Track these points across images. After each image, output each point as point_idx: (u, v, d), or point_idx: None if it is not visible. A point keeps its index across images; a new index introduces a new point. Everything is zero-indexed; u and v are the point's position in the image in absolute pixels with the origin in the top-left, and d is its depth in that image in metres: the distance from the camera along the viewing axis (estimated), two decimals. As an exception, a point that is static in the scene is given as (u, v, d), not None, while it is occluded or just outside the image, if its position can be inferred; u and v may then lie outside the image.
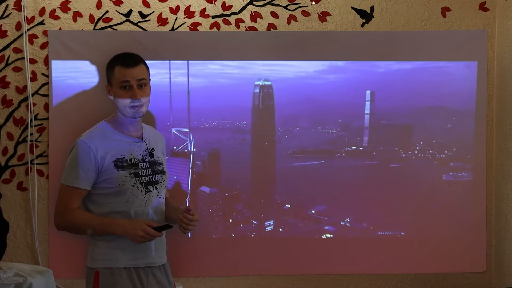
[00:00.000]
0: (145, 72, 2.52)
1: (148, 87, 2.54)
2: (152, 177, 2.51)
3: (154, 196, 2.51)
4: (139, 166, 2.49)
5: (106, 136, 2.49)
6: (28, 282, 2.44)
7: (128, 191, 2.45)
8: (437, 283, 3.21)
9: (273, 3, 3.08)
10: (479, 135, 3.13)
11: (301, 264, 3.13)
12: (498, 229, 3.15)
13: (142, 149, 2.53)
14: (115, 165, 2.45)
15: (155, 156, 2.55)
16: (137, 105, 2.47)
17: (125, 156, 2.47)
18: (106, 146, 2.46)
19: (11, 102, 3.00)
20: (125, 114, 2.49)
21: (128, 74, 2.46)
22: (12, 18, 2.97)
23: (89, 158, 2.43)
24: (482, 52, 3.12)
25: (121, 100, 2.47)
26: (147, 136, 2.58)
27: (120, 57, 2.53)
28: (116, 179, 2.44)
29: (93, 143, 2.44)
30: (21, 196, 3.02)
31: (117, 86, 2.48)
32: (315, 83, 3.08)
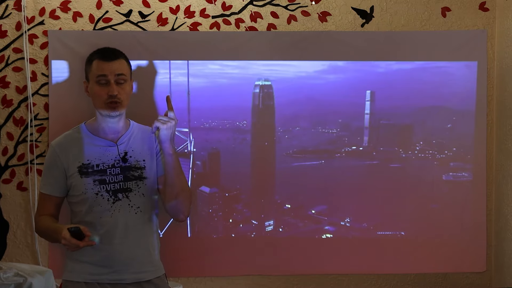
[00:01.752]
0: (125, 68, 2.31)
1: (128, 85, 2.32)
2: (123, 184, 2.27)
3: (124, 206, 2.27)
4: (107, 172, 2.27)
5: (77, 139, 2.33)
6: (28, 282, 2.44)
7: (90, 200, 2.25)
8: (437, 283, 3.21)
9: (273, 3, 3.08)
10: (479, 135, 3.13)
11: (301, 264, 3.13)
12: (498, 229, 3.15)
13: (114, 153, 2.31)
14: (79, 171, 2.27)
15: (130, 160, 2.31)
16: (114, 102, 2.25)
17: (91, 162, 2.27)
18: (74, 150, 2.30)
19: (11, 102, 3.00)
20: (101, 112, 2.29)
21: (106, 68, 2.26)
22: (12, 18, 2.98)
23: (55, 163, 2.29)
24: (482, 52, 3.12)
25: (97, 96, 2.27)
26: (127, 138, 2.34)
27: (100, 50, 2.35)
28: (79, 187, 2.26)
29: (61, 147, 2.31)
30: (21, 196, 3.02)
31: (94, 80, 2.28)
32: (315, 83, 3.08)
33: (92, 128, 2.35)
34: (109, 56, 2.30)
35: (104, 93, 2.26)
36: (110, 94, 2.24)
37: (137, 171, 2.31)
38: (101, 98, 2.26)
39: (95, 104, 2.30)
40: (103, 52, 2.33)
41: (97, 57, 2.30)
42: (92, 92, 2.30)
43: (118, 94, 2.26)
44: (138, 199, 2.30)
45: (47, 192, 2.33)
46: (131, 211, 2.28)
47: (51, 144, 2.35)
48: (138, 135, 2.39)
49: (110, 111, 2.27)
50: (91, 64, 2.31)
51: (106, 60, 2.28)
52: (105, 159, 2.29)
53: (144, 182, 2.31)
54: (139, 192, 2.30)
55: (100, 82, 2.27)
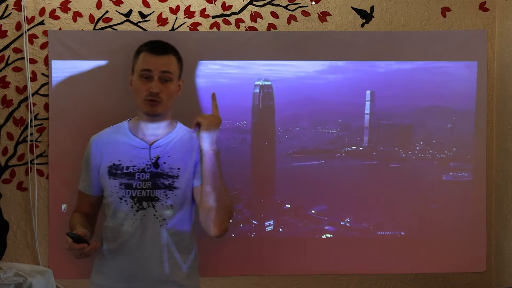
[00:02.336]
0: (173, 65, 2.15)
1: (173, 85, 2.14)
2: (150, 191, 2.09)
3: (149, 216, 2.08)
4: (135, 176, 2.10)
5: (115, 136, 2.19)
6: (28, 282, 2.44)
7: (114, 204, 2.11)
8: (437, 283, 3.21)
9: (273, 3, 3.08)
10: (479, 135, 3.13)
11: (301, 264, 3.13)
12: (498, 229, 3.15)
13: (146, 157, 2.13)
14: (108, 172, 2.13)
15: (163, 167, 2.11)
16: (154, 100, 2.07)
17: (122, 163, 2.12)
18: (109, 148, 2.16)
19: (11, 102, 3.00)
20: (141, 109, 2.13)
21: (152, 62, 2.09)
22: (12, 18, 2.98)
23: (91, 159, 2.19)
24: (482, 52, 3.12)
25: (137, 91, 2.10)
26: (165, 142, 2.16)
27: (150, 43, 2.19)
28: (106, 188, 2.13)
29: (98, 143, 2.19)
30: (21, 196, 3.02)
31: (138, 74, 2.12)
32: (315, 83, 3.08)
33: (133, 127, 2.20)
34: (158, 49, 2.12)
35: (144, 88, 2.08)
36: (150, 91, 2.07)
37: (168, 179, 2.10)
38: (140, 94, 2.09)
39: (135, 100, 2.14)
40: (153, 44, 2.16)
41: (145, 49, 2.14)
42: (134, 86, 2.13)
43: (160, 92, 2.07)
44: (165, 210, 2.10)
45: (81, 189, 2.26)
46: (155, 223, 2.09)
47: (90, 139, 2.25)
48: (180, 140, 2.19)
49: (148, 110, 2.09)
50: (138, 56, 2.15)
51: (154, 53, 2.11)
52: (136, 161, 2.11)
53: (174, 193, 2.10)
54: (167, 203, 2.09)
55: (143, 76, 2.09)
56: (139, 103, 2.11)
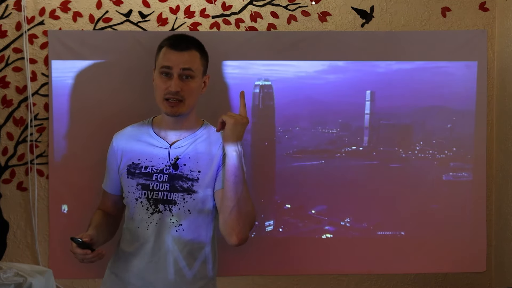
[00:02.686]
0: (196, 61, 2.01)
1: (196, 82, 2.00)
2: (168, 194, 1.98)
3: (165, 220, 1.98)
4: (152, 177, 2.00)
5: (137, 133, 2.10)
6: (28, 282, 2.44)
7: (131, 205, 2.04)
8: (437, 283, 3.21)
9: (273, 3, 3.08)
10: (479, 135, 3.13)
11: (301, 264, 3.13)
12: (498, 229, 3.15)
13: (165, 157, 2.03)
14: (127, 171, 2.05)
15: (183, 169, 2.00)
16: (173, 99, 1.96)
17: (141, 162, 2.03)
18: (130, 145, 2.08)
19: (11, 102, 3.00)
20: (160, 108, 2.03)
21: (172, 58, 1.97)
22: (12, 18, 2.97)
23: (111, 157, 2.12)
24: (482, 52, 3.12)
25: (157, 89, 2.00)
26: (188, 142, 2.05)
27: (172, 37, 2.07)
28: (125, 188, 2.06)
29: (119, 140, 2.12)
30: (21, 196, 3.02)
31: (158, 71, 2.02)
32: (315, 83, 3.08)
33: (156, 124, 2.11)
34: (179, 45, 1.99)
35: (164, 87, 1.97)
36: (169, 89, 1.95)
37: (187, 182, 1.99)
38: (160, 92, 1.98)
39: (156, 97, 2.03)
40: (175, 39, 2.03)
41: (166, 44, 2.02)
42: (154, 83, 2.03)
43: (180, 91, 1.95)
44: (182, 215, 1.98)
45: (103, 187, 2.20)
46: (171, 228, 1.98)
47: (114, 136, 2.16)
48: (204, 141, 2.07)
49: (168, 111, 1.98)
50: (160, 51, 2.04)
51: (175, 49, 1.98)
52: (155, 162, 2.01)
53: (192, 197, 1.99)
54: (185, 207, 1.98)
55: (163, 73, 1.99)
56: (159, 101, 2.01)
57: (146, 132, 2.09)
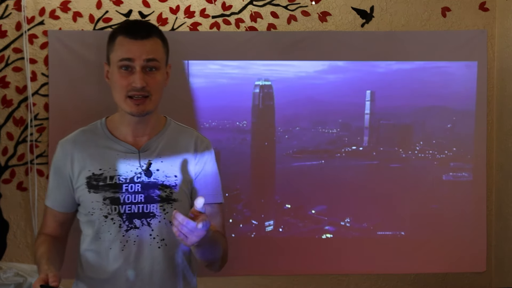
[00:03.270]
0: (159, 50, 1.71)
1: (161, 74, 1.70)
2: (143, 206, 1.69)
3: (144, 236, 1.68)
4: (122, 188, 1.68)
5: (91, 139, 1.76)
6: (28, 282, 2.44)
7: (97, 223, 1.69)
8: (437, 283, 3.21)
9: (273, 3, 3.08)
10: (479, 135, 3.13)
11: (301, 264, 3.13)
12: (498, 229, 3.15)
13: (135, 163, 1.71)
14: (87, 184, 1.70)
15: (157, 175, 1.70)
16: (139, 96, 1.65)
17: (104, 172, 1.69)
18: (85, 154, 1.72)
19: (11, 102, 3.00)
20: (122, 108, 1.71)
21: (133, 49, 1.65)
22: (12, 18, 2.97)
23: (60, 168, 1.75)
24: (482, 52, 3.12)
25: (117, 87, 1.67)
26: (156, 143, 1.75)
27: (127, 24, 1.74)
28: (86, 204, 1.71)
29: (67, 148, 1.75)
30: (21, 196, 3.02)
31: (115, 65, 1.68)
32: (315, 83, 3.08)
33: (112, 126, 1.77)
34: (139, 32, 1.67)
35: (125, 83, 1.65)
36: (133, 85, 1.64)
37: (165, 190, 1.70)
38: (121, 90, 1.67)
39: (114, 96, 1.71)
40: (132, 26, 1.70)
41: (123, 33, 1.68)
42: (112, 80, 1.70)
43: (146, 86, 1.65)
44: (164, 228, 1.69)
45: (48, 204, 1.80)
46: (152, 244, 1.70)
47: (59, 142, 1.80)
48: (173, 139, 1.77)
49: (133, 110, 1.67)
50: (114, 41, 1.70)
51: (135, 37, 1.66)
52: (122, 170, 1.69)
53: (173, 206, 1.70)
54: (166, 219, 1.69)
55: (123, 67, 1.66)
56: (120, 100, 1.68)
57: (102, 136, 1.75)
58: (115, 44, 1.69)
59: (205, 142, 1.85)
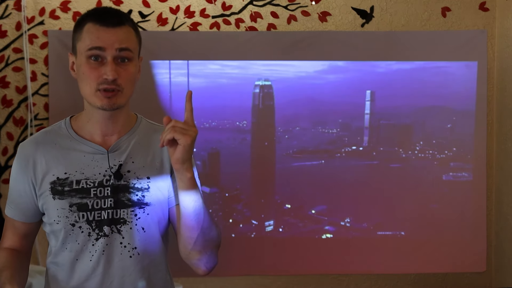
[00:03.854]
0: (132, 39, 1.54)
1: (134, 66, 1.55)
2: (114, 212, 1.53)
3: (114, 244, 1.53)
4: (90, 193, 1.52)
5: (55, 140, 1.58)
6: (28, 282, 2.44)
7: (63, 232, 1.53)
8: (437, 283, 3.21)
9: (273, 3, 3.08)
10: (479, 135, 3.13)
11: (301, 264, 3.13)
12: (498, 229, 3.15)
13: (103, 165, 1.55)
14: (51, 190, 1.53)
15: (127, 177, 1.55)
16: (110, 89, 1.49)
17: (70, 176, 1.53)
18: (48, 156, 1.56)
19: (11, 102, 3.00)
20: (91, 102, 1.52)
21: (104, 37, 1.49)
22: (12, 18, 2.97)
23: (22, 173, 1.59)
24: (482, 52, 3.12)
25: (86, 79, 1.50)
26: (126, 143, 1.59)
27: (97, 11, 1.59)
28: (51, 212, 1.54)
29: (28, 151, 1.59)
30: (21, 196, 3.01)
31: (83, 55, 1.51)
32: (315, 83, 3.08)
33: (78, 126, 1.60)
34: (110, 19, 1.52)
35: (95, 75, 1.49)
36: (104, 77, 1.48)
37: (136, 193, 1.55)
38: (91, 83, 1.49)
39: (82, 90, 1.53)
40: (102, 13, 1.56)
41: (92, 20, 1.54)
42: (79, 72, 1.52)
43: (118, 78, 1.49)
44: (136, 235, 1.54)
45: (8, 214, 1.63)
46: (123, 253, 1.54)
47: (21, 144, 1.63)
48: (145, 138, 1.62)
49: (104, 104, 1.50)
50: (82, 29, 1.54)
51: (105, 25, 1.51)
52: (89, 173, 1.53)
53: (145, 211, 1.55)
54: (138, 225, 1.54)
55: (92, 57, 1.50)
56: (88, 94, 1.50)
57: (67, 137, 1.58)
58: (83, 31, 1.53)
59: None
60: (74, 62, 1.55)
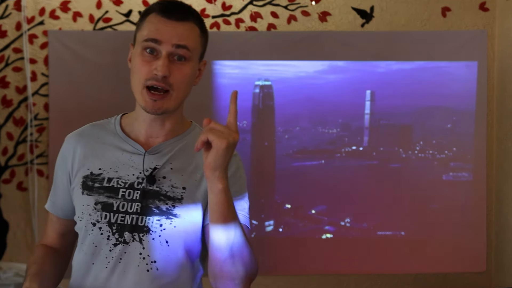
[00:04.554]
0: (193, 37, 1.41)
1: (191, 67, 1.41)
2: (138, 218, 1.38)
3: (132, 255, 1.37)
4: (119, 193, 1.40)
5: (99, 134, 1.49)
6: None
7: (83, 232, 1.42)
8: (437, 283, 3.21)
9: (273, 3, 3.08)
10: (479, 135, 3.13)
11: (301, 264, 3.13)
12: (498, 229, 3.15)
13: (138, 166, 1.42)
14: (82, 184, 1.43)
15: (161, 183, 1.40)
16: (158, 88, 1.35)
17: (103, 173, 1.42)
18: (87, 149, 1.47)
19: (11, 102, 3.00)
20: (137, 100, 1.42)
21: (163, 29, 1.36)
22: (12, 18, 2.97)
23: (62, 165, 1.50)
24: (482, 52, 3.12)
25: (136, 72, 1.39)
26: (170, 148, 1.45)
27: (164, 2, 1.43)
28: (78, 207, 1.44)
29: (74, 143, 1.50)
30: (21, 196, 3.02)
31: (140, 45, 1.40)
32: (315, 83, 3.08)
33: (126, 123, 1.50)
34: (175, 11, 1.39)
35: (147, 69, 1.36)
36: (154, 73, 1.35)
37: (166, 202, 1.39)
38: (140, 77, 1.37)
39: (132, 84, 1.42)
40: (169, 4, 1.41)
41: (156, 9, 1.40)
42: (133, 63, 1.41)
43: (169, 76, 1.36)
44: (157, 248, 1.38)
45: (47, 208, 1.55)
46: (141, 265, 1.38)
47: (68, 136, 1.56)
48: (191, 146, 1.42)
49: (148, 105, 1.38)
50: (145, 18, 1.42)
51: (168, 16, 1.38)
52: (123, 172, 1.42)
53: (172, 223, 1.38)
54: (162, 237, 1.38)
55: (146, 49, 1.38)
56: (137, 90, 1.40)
57: (112, 132, 1.48)
58: (145, 21, 1.41)
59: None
60: (131, 53, 1.45)
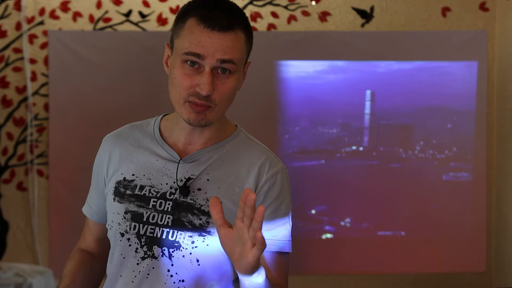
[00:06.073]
0: (239, 49, 1.27)
1: (236, 80, 1.28)
2: (169, 232, 1.27)
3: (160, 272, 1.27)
4: (149, 203, 1.29)
5: (137, 137, 1.37)
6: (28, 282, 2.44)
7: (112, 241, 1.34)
8: (437, 283, 3.21)
9: (273, 3, 3.08)
10: (479, 135, 3.13)
11: (301, 264, 3.13)
12: (498, 229, 3.15)
13: (171, 175, 1.30)
14: (114, 190, 1.33)
15: (196, 195, 1.28)
16: (201, 104, 1.23)
17: (136, 180, 1.31)
18: (124, 153, 1.35)
19: (11, 102, 3.00)
20: (178, 112, 1.29)
21: (207, 43, 1.23)
22: (12, 18, 2.97)
23: (99, 167, 1.40)
24: (482, 52, 3.12)
25: (177, 85, 1.25)
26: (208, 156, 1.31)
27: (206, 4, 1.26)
28: (109, 215, 1.35)
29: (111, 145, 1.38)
30: (21, 196, 3.02)
31: (179, 56, 1.26)
32: (315, 83, 3.08)
33: (166, 126, 1.37)
34: (220, 20, 1.23)
35: (188, 83, 1.24)
36: (197, 90, 1.23)
37: (200, 216, 1.27)
38: (181, 91, 1.25)
39: (171, 95, 1.29)
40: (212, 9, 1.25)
41: (198, 16, 1.25)
42: (172, 73, 1.28)
43: (212, 95, 1.24)
44: (187, 266, 1.27)
45: (83, 211, 1.47)
46: (167, 283, 1.27)
47: (106, 137, 1.43)
48: (233, 155, 1.33)
49: (191, 117, 1.25)
50: (184, 23, 1.27)
51: (211, 26, 1.23)
52: (156, 181, 1.30)
53: (205, 240, 1.26)
54: (193, 254, 1.27)
55: (187, 62, 1.24)
56: (176, 103, 1.27)
57: (149, 135, 1.36)
58: (185, 28, 1.26)
59: (275, 168, 1.37)
60: (169, 57, 1.32)
